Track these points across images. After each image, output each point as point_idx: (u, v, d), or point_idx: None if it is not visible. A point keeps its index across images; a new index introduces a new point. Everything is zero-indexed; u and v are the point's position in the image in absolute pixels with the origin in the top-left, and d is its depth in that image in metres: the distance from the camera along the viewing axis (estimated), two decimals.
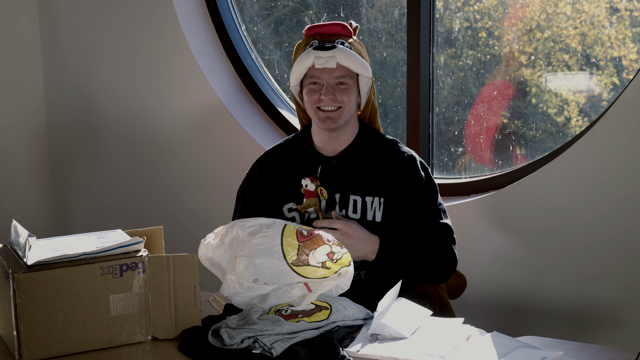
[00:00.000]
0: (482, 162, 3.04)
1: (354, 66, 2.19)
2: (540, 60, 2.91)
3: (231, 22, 3.36)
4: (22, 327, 1.75)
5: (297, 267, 1.87)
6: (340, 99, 2.20)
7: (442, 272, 2.24)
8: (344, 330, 1.87)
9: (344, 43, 2.22)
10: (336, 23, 2.26)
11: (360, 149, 2.29)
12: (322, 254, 1.87)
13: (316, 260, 1.87)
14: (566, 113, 2.89)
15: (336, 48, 2.18)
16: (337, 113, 2.21)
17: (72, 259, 1.80)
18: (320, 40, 2.23)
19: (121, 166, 3.54)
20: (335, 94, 2.20)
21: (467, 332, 1.85)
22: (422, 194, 2.24)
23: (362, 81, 2.25)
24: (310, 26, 2.27)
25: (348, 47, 2.21)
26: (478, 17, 2.98)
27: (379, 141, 2.31)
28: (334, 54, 2.17)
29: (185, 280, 1.87)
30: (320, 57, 2.17)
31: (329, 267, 1.88)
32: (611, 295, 2.63)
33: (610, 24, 2.78)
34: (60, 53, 3.58)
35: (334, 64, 2.17)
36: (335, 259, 1.88)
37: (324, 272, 1.89)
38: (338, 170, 2.27)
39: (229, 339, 1.78)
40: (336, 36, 2.23)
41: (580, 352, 1.77)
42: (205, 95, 3.27)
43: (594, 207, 2.62)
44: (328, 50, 2.17)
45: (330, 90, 2.20)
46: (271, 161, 2.35)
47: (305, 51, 2.21)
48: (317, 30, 2.25)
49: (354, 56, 2.19)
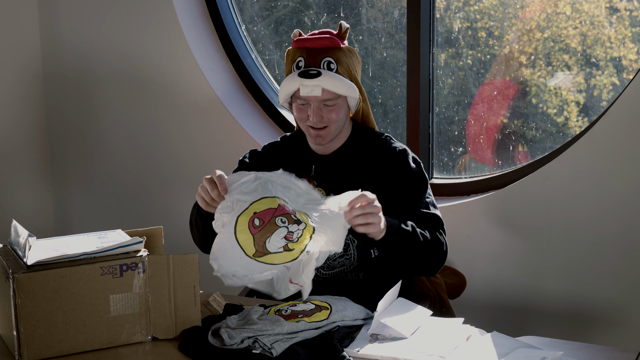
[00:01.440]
0: (483, 161, 3.04)
1: (340, 91, 2.17)
2: (540, 60, 2.91)
3: (231, 22, 3.36)
4: (22, 327, 1.75)
5: (260, 258, 1.87)
6: (327, 118, 2.20)
7: (433, 263, 2.19)
8: (344, 330, 1.87)
9: (330, 63, 2.18)
10: (324, 35, 2.22)
11: (353, 147, 2.29)
12: (278, 239, 1.85)
13: (275, 247, 1.86)
14: (566, 113, 2.89)
15: (321, 76, 2.15)
16: (326, 131, 2.22)
17: (72, 259, 1.80)
18: (306, 60, 2.19)
19: (121, 166, 3.54)
20: (323, 115, 2.19)
21: (467, 332, 1.85)
22: (411, 184, 2.23)
23: (349, 99, 2.23)
24: (298, 39, 2.24)
25: (335, 68, 2.18)
26: (478, 17, 2.99)
27: (372, 138, 2.31)
28: (319, 83, 2.14)
29: (185, 280, 1.87)
30: (305, 85, 2.15)
31: (291, 248, 1.86)
32: (611, 295, 2.64)
33: (610, 23, 2.78)
34: (60, 53, 3.58)
35: (319, 92, 2.16)
36: (296, 237, 1.86)
37: (288, 255, 1.87)
38: (331, 169, 2.27)
39: (229, 339, 1.78)
40: (324, 53, 2.19)
41: (580, 352, 1.77)
42: (205, 95, 3.27)
43: (594, 207, 2.62)
44: (313, 78, 2.15)
45: (317, 112, 2.19)
46: (266, 156, 2.36)
47: (292, 75, 2.19)
48: (304, 45, 2.21)
49: (339, 81, 2.16)
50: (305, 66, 2.18)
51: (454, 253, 2.83)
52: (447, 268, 2.57)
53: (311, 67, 2.18)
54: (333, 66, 2.18)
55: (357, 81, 2.24)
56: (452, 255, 2.83)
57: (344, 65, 2.20)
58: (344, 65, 2.20)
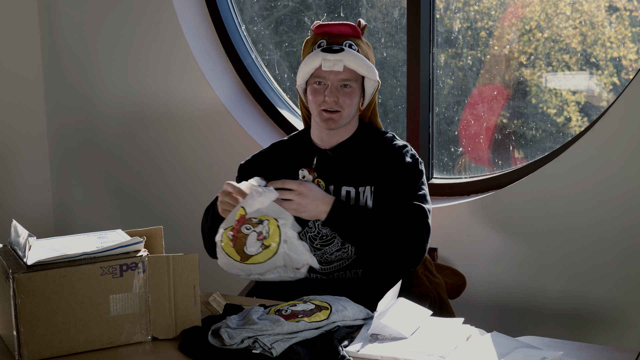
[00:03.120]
0: (480, 162, 3.04)
1: (361, 69, 2.21)
2: (540, 60, 2.91)
3: (231, 22, 3.36)
4: (22, 327, 1.75)
5: (248, 260, 2.00)
6: (342, 102, 2.23)
7: (407, 253, 2.15)
8: (344, 330, 1.87)
9: (352, 45, 2.23)
10: (345, 23, 2.27)
11: (356, 143, 2.31)
12: (252, 242, 1.99)
13: (255, 249, 1.99)
14: (566, 113, 2.89)
15: (344, 51, 2.19)
16: (338, 115, 2.24)
17: (72, 259, 1.80)
18: (329, 41, 2.24)
19: (121, 166, 3.54)
20: (339, 97, 2.22)
21: (467, 332, 1.85)
22: (402, 175, 2.24)
23: (367, 83, 2.27)
24: (319, 24, 2.28)
25: (356, 49, 2.23)
26: (478, 17, 2.99)
27: (376, 136, 2.34)
28: (342, 57, 2.19)
29: (185, 280, 1.87)
30: (328, 59, 2.19)
31: (267, 244, 1.98)
32: (611, 295, 2.64)
33: (610, 23, 2.78)
34: (60, 53, 3.58)
35: (340, 67, 2.19)
36: (266, 234, 1.99)
37: (268, 251, 1.99)
38: (333, 162, 2.29)
39: (229, 339, 1.78)
40: (344, 37, 2.24)
41: (580, 352, 1.77)
42: (205, 95, 3.27)
43: (594, 207, 2.62)
44: (336, 53, 2.19)
45: (334, 92, 2.22)
46: (271, 155, 2.38)
47: (313, 52, 2.23)
48: (325, 30, 2.26)
49: (361, 59, 2.21)
50: (327, 44, 2.23)
51: (454, 253, 2.83)
52: (447, 268, 2.57)
53: (334, 45, 2.22)
54: (354, 48, 2.23)
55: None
56: (452, 255, 2.83)
57: (364, 51, 2.25)
58: (364, 52, 2.25)
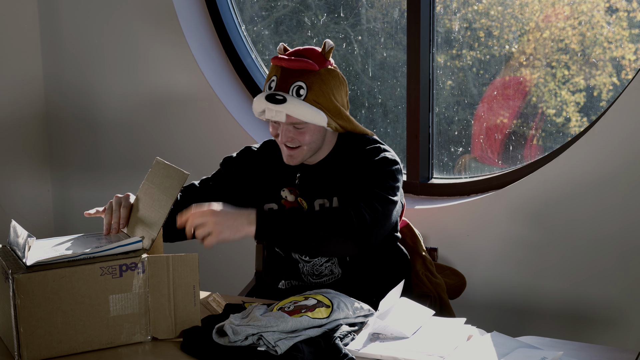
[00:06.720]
0: (487, 162, 3.04)
1: (304, 118, 2.14)
2: (540, 61, 2.91)
3: (231, 22, 3.36)
4: (21, 328, 1.75)
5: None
6: (298, 140, 2.18)
7: (344, 237, 2.02)
8: (346, 328, 1.87)
9: (300, 88, 2.14)
10: (302, 56, 2.18)
11: (338, 157, 2.26)
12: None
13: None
14: (565, 113, 2.89)
15: (286, 102, 2.12)
16: (298, 151, 2.19)
17: (72, 259, 1.80)
18: (278, 81, 2.16)
19: (121, 166, 3.54)
20: (293, 136, 2.17)
21: (467, 332, 1.85)
22: (366, 172, 2.17)
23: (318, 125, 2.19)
24: (276, 57, 2.20)
25: (304, 94, 2.14)
26: (477, 18, 2.99)
27: (358, 144, 2.25)
28: (282, 109, 2.12)
29: (184, 280, 1.87)
30: (270, 109, 2.14)
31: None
32: (611, 295, 2.64)
33: (609, 24, 2.78)
34: (60, 51, 3.58)
35: (282, 118, 2.13)
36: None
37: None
38: (316, 178, 2.25)
39: (234, 335, 1.78)
40: (296, 77, 2.15)
41: (580, 352, 1.77)
42: (205, 95, 3.27)
43: (594, 207, 2.62)
44: (277, 104, 2.12)
45: (287, 133, 2.17)
46: (259, 155, 2.35)
47: (261, 95, 2.17)
48: (281, 64, 2.18)
49: (305, 109, 2.13)
50: (275, 88, 2.16)
51: (454, 253, 2.83)
52: (447, 268, 2.56)
53: (280, 91, 2.15)
54: (302, 92, 2.14)
55: (332, 104, 2.17)
56: (452, 255, 2.83)
57: (315, 91, 2.15)
58: (315, 91, 2.15)
